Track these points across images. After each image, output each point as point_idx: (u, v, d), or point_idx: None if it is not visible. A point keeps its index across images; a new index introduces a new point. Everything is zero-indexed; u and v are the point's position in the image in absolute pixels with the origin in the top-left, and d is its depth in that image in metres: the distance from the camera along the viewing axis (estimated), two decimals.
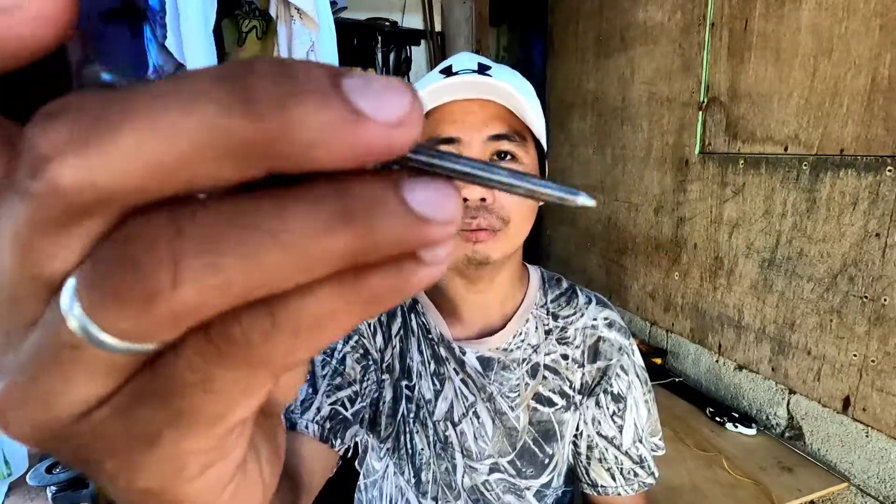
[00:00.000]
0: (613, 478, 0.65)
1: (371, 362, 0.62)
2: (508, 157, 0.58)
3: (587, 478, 0.67)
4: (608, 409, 0.66)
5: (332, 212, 0.09)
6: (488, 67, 0.59)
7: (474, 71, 0.58)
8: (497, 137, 0.57)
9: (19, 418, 0.10)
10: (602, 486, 0.66)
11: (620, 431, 0.66)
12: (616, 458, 0.66)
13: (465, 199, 0.56)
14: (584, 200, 0.12)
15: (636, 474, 0.66)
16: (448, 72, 0.59)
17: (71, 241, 0.09)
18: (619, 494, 0.65)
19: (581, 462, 0.68)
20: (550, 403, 0.65)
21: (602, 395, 0.66)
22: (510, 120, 0.58)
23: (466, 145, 0.57)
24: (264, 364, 0.10)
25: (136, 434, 0.10)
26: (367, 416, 0.62)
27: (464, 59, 0.60)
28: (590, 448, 0.67)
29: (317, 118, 0.09)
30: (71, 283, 0.10)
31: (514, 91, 0.55)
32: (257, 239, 0.09)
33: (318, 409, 0.56)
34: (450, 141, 0.57)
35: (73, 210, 0.09)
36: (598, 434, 0.66)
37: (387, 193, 0.10)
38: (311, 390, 0.57)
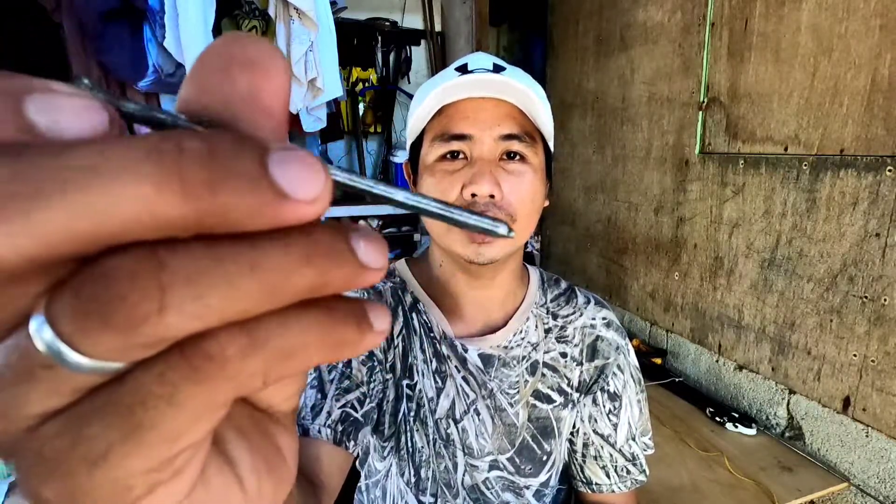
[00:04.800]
0: (608, 475, 0.67)
1: (376, 363, 0.62)
2: (518, 157, 0.58)
3: (581, 475, 0.68)
4: (604, 406, 0.67)
5: (300, 254, 0.11)
6: (503, 68, 0.60)
7: (490, 70, 0.58)
8: (508, 137, 0.57)
9: None
10: (596, 483, 0.67)
11: (615, 429, 0.67)
12: (611, 455, 0.67)
13: (474, 195, 0.55)
14: (503, 231, 0.14)
15: (629, 471, 0.67)
16: (464, 70, 0.59)
17: (27, 289, 0.10)
18: (613, 492, 0.67)
19: (576, 459, 0.68)
20: (549, 400, 0.66)
21: (599, 393, 0.67)
22: (522, 121, 0.58)
23: (478, 142, 0.57)
24: (233, 381, 0.11)
25: (81, 454, 0.11)
26: (375, 416, 0.62)
27: (480, 59, 0.60)
28: (585, 445, 0.67)
29: (245, 202, 0.10)
30: (39, 312, 0.10)
31: (528, 91, 0.56)
32: (238, 271, 0.10)
33: (329, 413, 0.56)
34: (461, 137, 0.57)
35: (9, 274, 0.10)
36: (595, 432, 0.67)
37: (341, 244, 0.12)
38: (319, 395, 0.57)
